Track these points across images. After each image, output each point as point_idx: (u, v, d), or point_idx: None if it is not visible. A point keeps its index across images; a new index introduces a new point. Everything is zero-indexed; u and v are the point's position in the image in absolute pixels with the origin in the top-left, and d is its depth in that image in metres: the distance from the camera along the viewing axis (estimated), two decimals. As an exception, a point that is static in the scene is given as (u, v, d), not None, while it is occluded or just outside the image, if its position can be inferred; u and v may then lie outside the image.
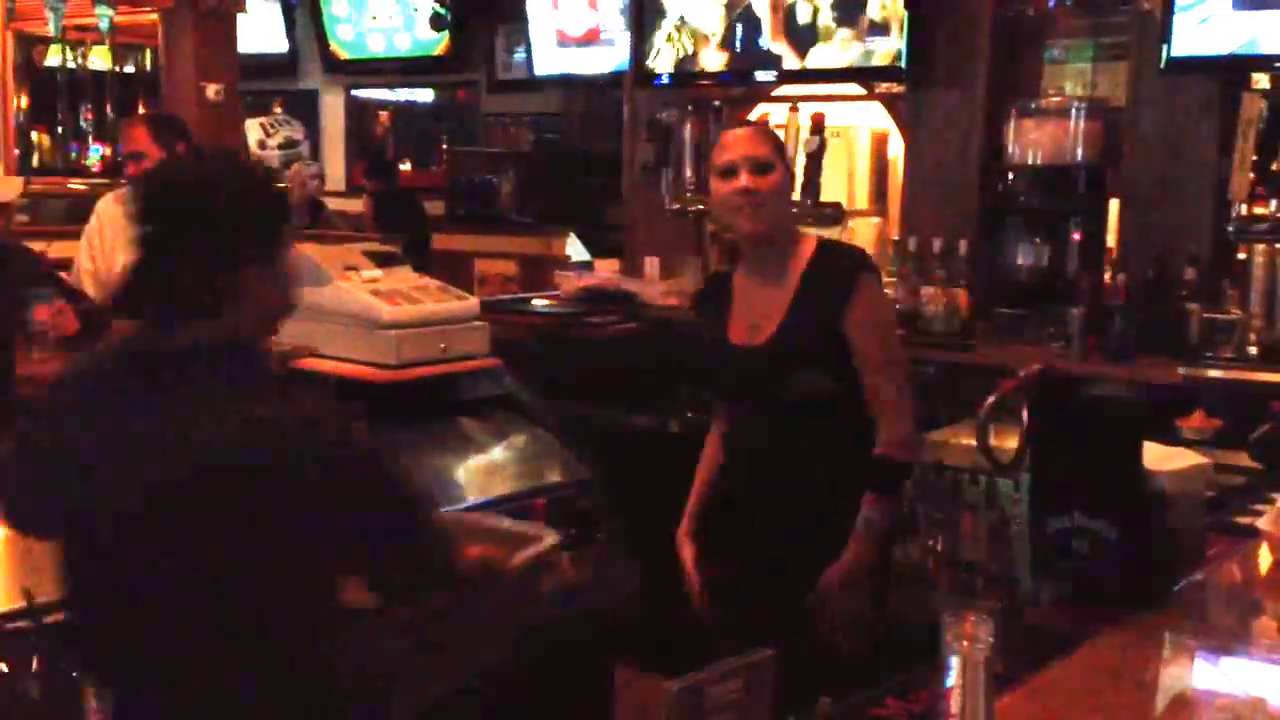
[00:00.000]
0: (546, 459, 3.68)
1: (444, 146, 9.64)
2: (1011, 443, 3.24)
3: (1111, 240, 4.34)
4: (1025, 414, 3.21)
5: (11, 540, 2.64)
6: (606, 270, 5.58)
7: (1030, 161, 4.28)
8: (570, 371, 4.65)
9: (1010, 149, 4.33)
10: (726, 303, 2.79)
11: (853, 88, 5.26)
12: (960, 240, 4.27)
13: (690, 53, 5.29)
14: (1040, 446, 2.22)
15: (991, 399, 3.20)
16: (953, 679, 0.95)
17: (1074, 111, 4.28)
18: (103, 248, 4.17)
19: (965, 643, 0.94)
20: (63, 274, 4.37)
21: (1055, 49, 4.60)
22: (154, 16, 6.87)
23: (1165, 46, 4.04)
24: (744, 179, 2.62)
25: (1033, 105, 4.35)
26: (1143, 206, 4.24)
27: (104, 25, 7.66)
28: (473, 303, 3.72)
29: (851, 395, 2.67)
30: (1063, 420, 2.21)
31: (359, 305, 3.48)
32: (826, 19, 4.87)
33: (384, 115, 10.30)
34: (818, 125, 4.66)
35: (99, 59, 9.38)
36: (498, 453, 3.68)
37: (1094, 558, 1.95)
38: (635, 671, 3.44)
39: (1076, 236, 4.29)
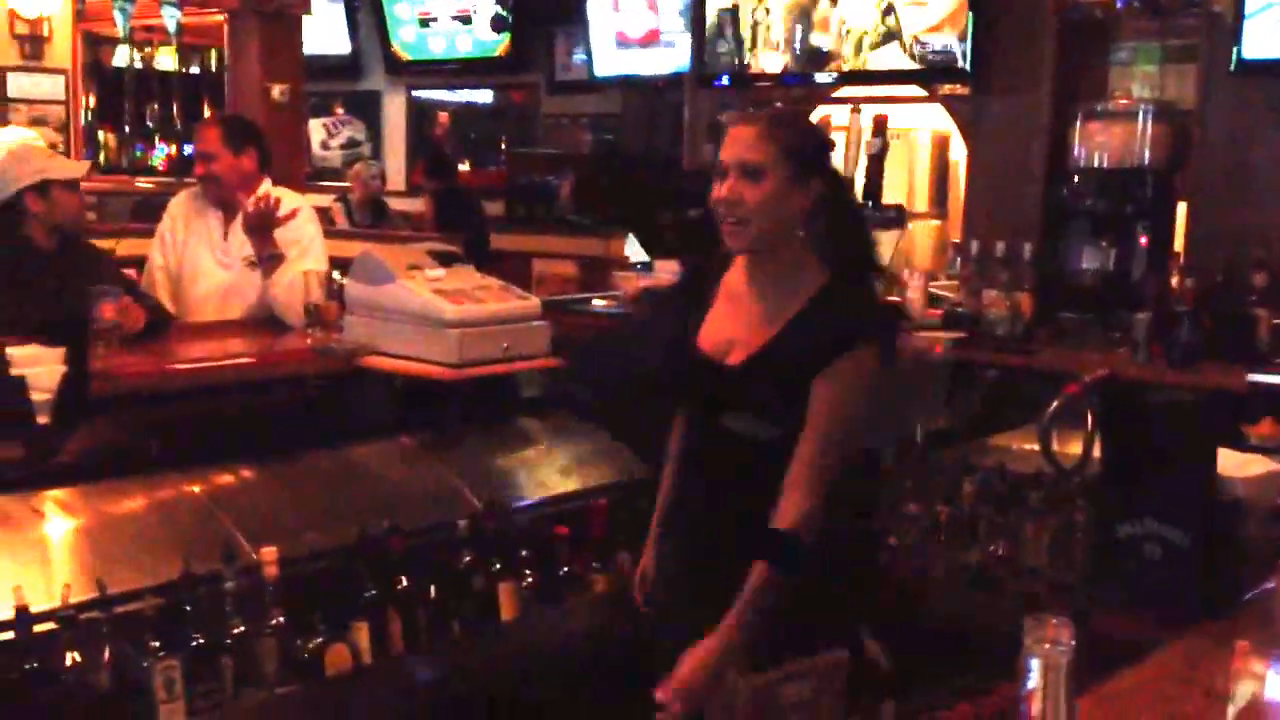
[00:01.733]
0: (607, 459, 3.69)
1: (503, 147, 9.71)
2: (1075, 448, 3.21)
3: (1179, 244, 4.28)
4: (1090, 419, 3.19)
5: (85, 532, 2.69)
6: (666, 271, 5.58)
7: (1096, 164, 4.23)
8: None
9: (1076, 152, 4.29)
10: (707, 302, 2.48)
11: (914, 89, 5.23)
12: (1024, 243, 4.23)
13: (750, 54, 5.29)
14: (1110, 452, 2.19)
15: (1055, 404, 3.18)
16: (1034, 682, 0.95)
17: (1141, 114, 4.23)
18: (174, 244, 4.22)
19: (1047, 645, 0.94)
20: (130, 271, 4.44)
21: (1122, 51, 4.55)
22: (220, 18, 6.95)
23: (1235, 48, 3.98)
24: (726, 184, 2.30)
25: (1099, 108, 4.30)
26: (1211, 210, 4.18)
27: (171, 26, 7.77)
28: (534, 302, 3.73)
29: (791, 448, 2.33)
30: (1133, 426, 2.18)
31: (422, 304, 3.49)
32: (889, 19, 4.85)
33: (444, 116, 10.38)
34: (880, 127, 4.64)
35: (165, 59, 9.53)
36: (559, 452, 3.70)
37: (1165, 564, 1.93)
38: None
39: (1143, 240, 4.23)
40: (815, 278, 2.37)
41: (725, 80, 5.44)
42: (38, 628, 2.32)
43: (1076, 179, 4.31)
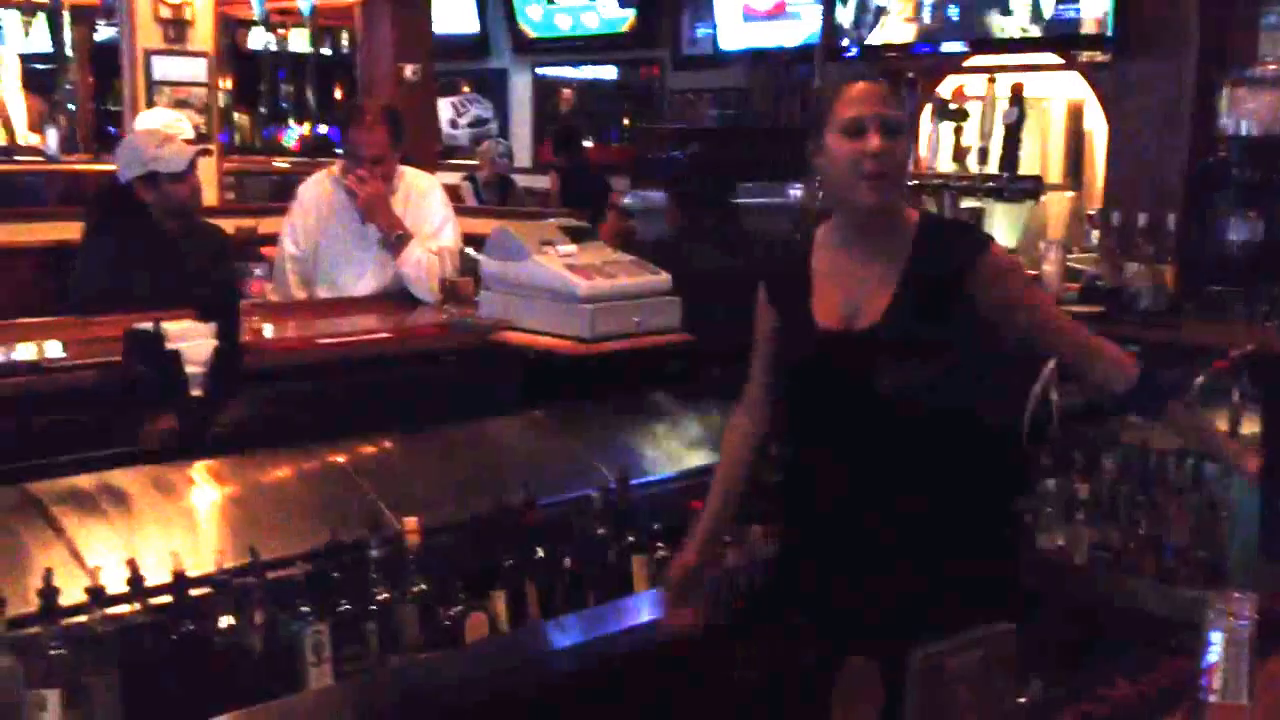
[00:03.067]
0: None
1: (625, 123, 9.73)
2: (1222, 424, 3.12)
3: (1331, 214, 4.13)
4: (1236, 394, 3.10)
5: (236, 501, 2.78)
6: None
7: (1244, 132, 4.10)
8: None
9: (1223, 119, 4.15)
10: (805, 282, 2.41)
11: (1047, 57, 5.11)
12: (1168, 214, 4.12)
13: (880, 23, 5.22)
14: (1272, 427, 2.12)
15: (1200, 379, 3.09)
16: (1215, 655, 0.93)
17: (1292, 80, 4.08)
18: (307, 231, 4.22)
19: (1230, 619, 0.92)
20: (271, 249, 4.55)
21: (1272, 14, 4.38)
22: (352, -1, 7.09)
23: (1394, 8, 3.82)
24: (875, 140, 2.23)
25: (1247, 73, 4.15)
26: (1366, 179, 4.02)
27: (305, 8, 7.94)
28: (665, 277, 3.73)
29: (961, 387, 2.31)
30: (1293, 400, 2.11)
31: (555, 279, 3.53)
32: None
33: (567, 93, 10.44)
34: (1017, 95, 4.55)
35: (299, 41, 9.74)
36: (691, 426, 3.70)
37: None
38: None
39: (1294, 211, 4.09)
40: (910, 217, 2.39)
41: (854, 51, 5.38)
42: (193, 592, 2.39)
43: (1223, 148, 4.17)
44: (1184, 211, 4.19)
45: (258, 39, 9.67)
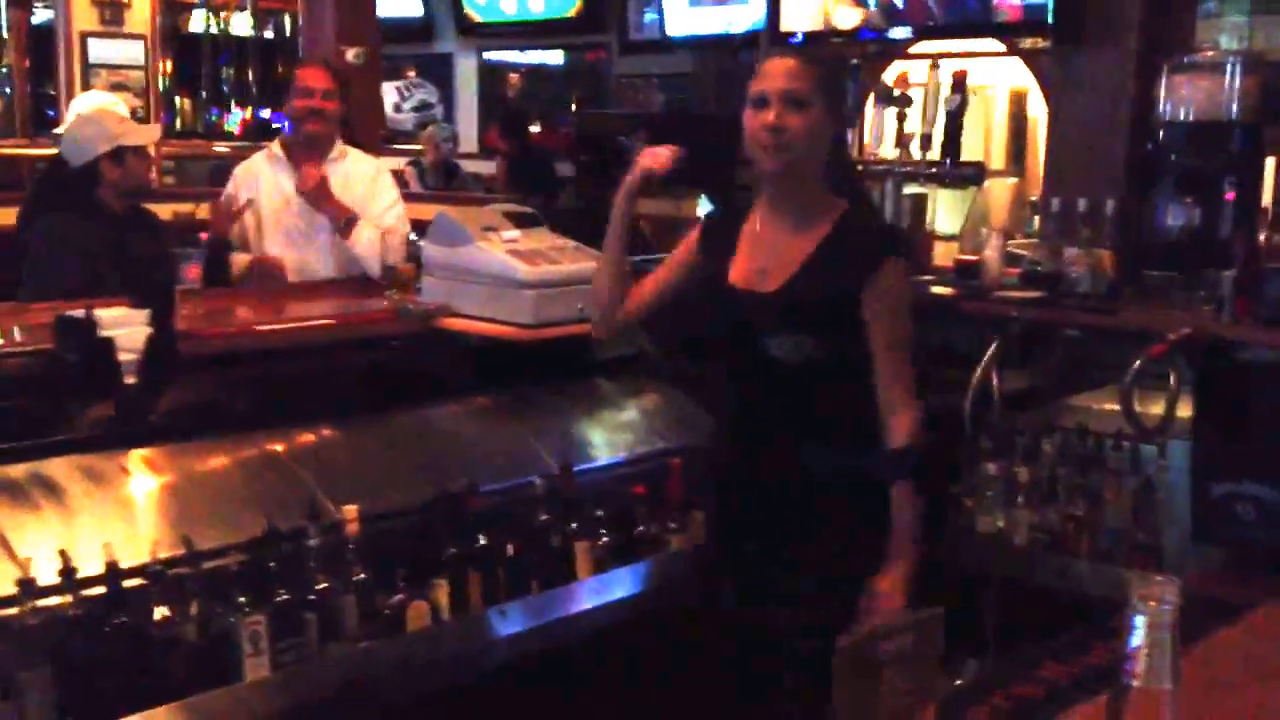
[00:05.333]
0: (681, 418, 3.69)
1: (573, 108, 9.69)
2: (1158, 408, 3.15)
3: (1267, 200, 4.17)
4: (1173, 379, 3.13)
5: (172, 491, 2.74)
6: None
7: (1182, 118, 4.12)
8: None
9: (1161, 106, 4.18)
10: (732, 241, 2.59)
11: (991, 44, 5.14)
12: (1107, 200, 4.14)
13: (825, 9, 5.22)
14: (1203, 411, 2.14)
15: (1137, 363, 3.12)
16: (1138, 640, 0.93)
17: (1229, 66, 4.10)
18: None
19: (1153, 603, 0.92)
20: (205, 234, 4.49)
21: (1210, 1, 4.42)
22: (294, -19, 6.99)
23: (1329, -4, 3.86)
24: (772, 113, 2.40)
25: (1186, 60, 4.18)
26: (1301, 165, 4.07)
27: (246, -9, 7.82)
28: (609, 262, 3.71)
29: (844, 366, 2.46)
30: (1226, 385, 2.14)
31: (498, 265, 3.51)
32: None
33: (514, 77, 10.37)
34: (959, 82, 4.55)
35: (241, 24, 9.61)
36: (633, 412, 3.70)
37: (1259, 524, 1.89)
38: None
39: (1230, 196, 4.12)
40: (833, 207, 2.52)
41: (800, 37, 5.37)
42: (127, 583, 2.36)
43: (1162, 134, 4.21)
44: (1123, 197, 4.22)
45: (199, 22, 9.53)
